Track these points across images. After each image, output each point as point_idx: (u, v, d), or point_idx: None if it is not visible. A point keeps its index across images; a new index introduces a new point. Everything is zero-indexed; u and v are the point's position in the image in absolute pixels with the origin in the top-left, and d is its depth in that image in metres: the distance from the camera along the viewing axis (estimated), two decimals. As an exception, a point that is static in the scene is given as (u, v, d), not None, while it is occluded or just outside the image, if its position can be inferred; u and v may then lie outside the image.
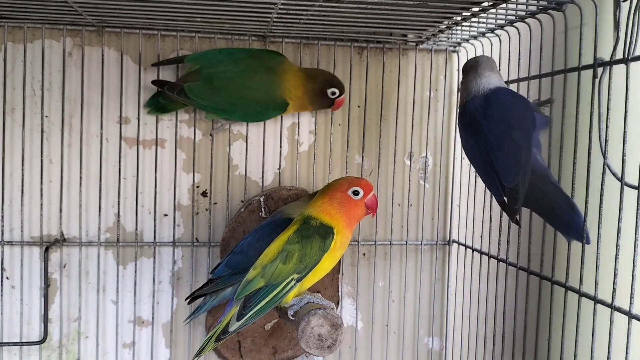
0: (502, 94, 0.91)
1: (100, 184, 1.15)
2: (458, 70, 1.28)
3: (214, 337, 0.85)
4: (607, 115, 0.82)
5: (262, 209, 1.16)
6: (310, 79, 1.12)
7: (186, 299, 1.08)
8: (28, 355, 1.15)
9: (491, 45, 1.16)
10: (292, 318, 0.84)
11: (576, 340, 0.87)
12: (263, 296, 0.83)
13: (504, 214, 1.02)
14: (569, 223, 0.88)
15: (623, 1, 0.78)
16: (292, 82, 1.11)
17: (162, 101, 1.14)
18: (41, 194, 1.13)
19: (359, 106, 1.25)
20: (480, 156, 0.92)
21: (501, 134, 0.88)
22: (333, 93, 1.13)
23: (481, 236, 1.19)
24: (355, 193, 0.90)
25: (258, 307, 0.82)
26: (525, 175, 0.87)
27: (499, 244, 1.10)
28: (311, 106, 1.15)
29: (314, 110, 1.21)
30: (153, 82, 1.11)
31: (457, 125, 1.01)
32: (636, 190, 0.76)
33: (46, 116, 1.14)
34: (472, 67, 0.97)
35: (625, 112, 0.78)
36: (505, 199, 0.90)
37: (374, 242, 1.27)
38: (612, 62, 0.81)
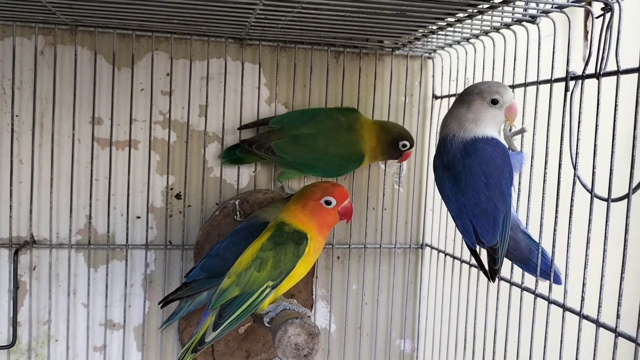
0: (481, 144, 0.89)
1: (71, 185, 1.13)
2: (433, 76, 1.30)
3: (190, 348, 0.84)
4: (578, 128, 0.84)
5: (237, 212, 1.15)
6: (384, 131, 1.17)
7: (159, 303, 1.07)
8: (-5, 359, 1.13)
9: (466, 53, 1.17)
10: (268, 325, 0.84)
11: (545, 346, 0.89)
12: (238, 305, 0.82)
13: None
14: (541, 267, 0.92)
15: (596, 17, 0.80)
16: (368, 135, 1.16)
17: (239, 154, 1.18)
18: (10, 195, 1.11)
19: (335, 110, 1.25)
20: (456, 201, 0.92)
21: (480, 191, 0.88)
22: (404, 145, 1.16)
23: (453, 240, 1.21)
24: (328, 203, 0.90)
25: (234, 316, 0.82)
26: (505, 235, 0.89)
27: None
28: (382, 156, 1.18)
29: (383, 160, 1.26)
30: (242, 142, 1.16)
31: (434, 158, 0.97)
32: (605, 202, 0.78)
33: (16, 115, 1.11)
34: (463, 102, 0.92)
35: (596, 125, 0.80)
36: (480, 248, 0.93)
37: (348, 246, 1.28)
38: (584, 77, 0.83)
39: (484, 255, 0.94)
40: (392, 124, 1.20)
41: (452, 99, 1.22)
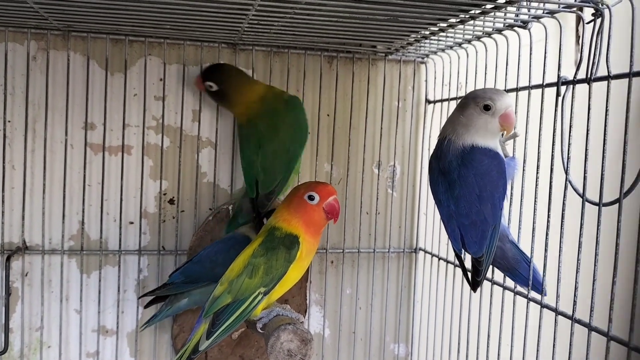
0: (479, 155, 0.87)
1: (64, 191, 1.12)
2: (426, 81, 1.30)
3: (184, 356, 0.84)
4: (570, 132, 0.84)
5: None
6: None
7: (139, 298, 1.07)
8: (-13, 366, 1.12)
9: (458, 58, 1.18)
10: (261, 331, 0.84)
11: (537, 350, 0.90)
12: (231, 312, 0.82)
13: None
14: (527, 278, 0.92)
15: (587, 23, 0.81)
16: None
17: (240, 221, 1.13)
18: (3, 201, 1.10)
19: (328, 115, 1.26)
20: (447, 206, 0.91)
21: (472, 202, 0.87)
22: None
23: (447, 244, 1.21)
24: (311, 198, 0.88)
25: (227, 323, 0.82)
26: (492, 249, 0.88)
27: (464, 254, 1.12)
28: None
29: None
30: (258, 214, 1.08)
31: (431, 159, 0.96)
32: (597, 207, 0.78)
33: (9, 121, 1.11)
34: (460, 106, 0.91)
35: (587, 130, 0.81)
36: (464, 254, 0.93)
37: (342, 250, 1.28)
38: (575, 82, 0.84)
39: (469, 260, 0.93)
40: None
41: (445, 104, 1.23)
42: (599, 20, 0.79)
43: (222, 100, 1.13)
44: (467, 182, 0.87)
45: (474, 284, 0.91)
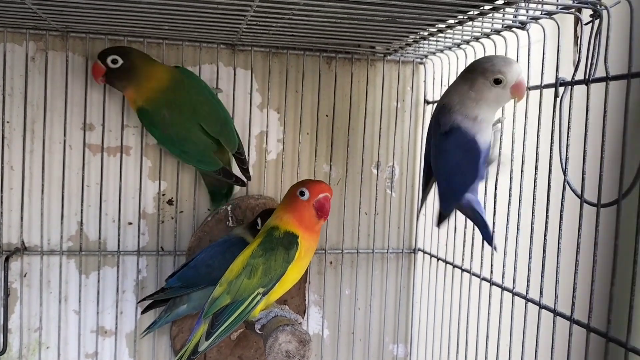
0: (460, 136, 0.92)
1: (62, 192, 1.12)
2: (425, 81, 1.30)
3: (184, 357, 0.84)
4: (568, 133, 0.84)
5: (230, 218, 1.15)
6: None
7: (138, 303, 1.09)
8: (-14, 366, 1.12)
9: (457, 58, 1.18)
10: (260, 332, 0.84)
11: (536, 350, 0.90)
12: (230, 313, 0.82)
13: (469, 224, 1.06)
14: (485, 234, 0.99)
15: (585, 24, 0.81)
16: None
17: (223, 192, 1.18)
18: (1, 202, 1.10)
19: (327, 115, 1.26)
20: (433, 166, 1.02)
21: (450, 174, 0.97)
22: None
23: (446, 245, 1.21)
24: (302, 194, 0.88)
25: (225, 324, 0.82)
26: (459, 209, 1.01)
27: (463, 254, 1.12)
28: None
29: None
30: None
31: (431, 120, 1.02)
32: (595, 208, 0.78)
33: (7, 122, 1.11)
34: (467, 79, 0.92)
35: (586, 131, 0.81)
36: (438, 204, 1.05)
37: (340, 251, 1.28)
38: (573, 83, 0.84)
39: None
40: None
41: (444, 104, 1.23)
42: (597, 21, 0.79)
43: (127, 79, 1.05)
44: (447, 156, 0.95)
45: (439, 223, 1.06)
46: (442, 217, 1.05)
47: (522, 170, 0.94)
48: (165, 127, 1.06)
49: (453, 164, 0.94)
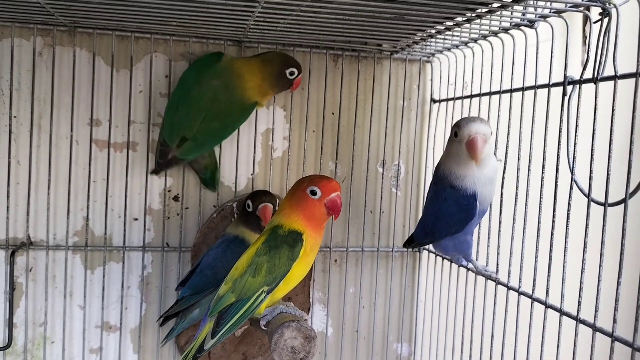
0: (452, 203, 0.96)
1: (69, 187, 1.13)
2: (432, 80, 1.30)
3: (190, 355, 0.84)
4: (576, 132, 0.84)
5: (235, 215, 1.15)
6: (266, 64, 1.10)
7: (157, 321, 1.08)
8: (-9, 360, 1.13)
9: (464, 57, 1.17)
10: (265, 328, 0.84)
11: (541, 350, 0.89)
12: (235, 311, 0.82)
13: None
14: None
15: (594, 22, 0.80)
16: (249, 75, 1.09)
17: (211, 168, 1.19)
18: (8, 196, 1.10)
19: (333, 113, 1.25)
20: (425, 209, 1.09)
21: (431, 222, 1.03)
22: (292, 73, 1.10)
23: (451, 244, 1.21)
24: (313, 193, 0.86)
25: (231, 322, 0.81)
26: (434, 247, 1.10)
27: (468, 253, 1.12)
28: (272, 90, 1.12)
29: (275, 94, 1.17)
30: (158, 167, 1.15)
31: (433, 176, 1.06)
32: (602, 207, 0.78)
33: (14, 117, 1.11)
34: (457, 134, 0.94)
35: (594, 130, 0.80)
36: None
37: (345, 249, 1.28)
38: (582, 81, 0.83)
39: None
40: (272, 53, 1.13)
41: (450, 103, 1.23)
42: (606, 20, 0.79)
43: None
44: (432, 207, 1.02)
45: (407, 244, 1.13)
46: (410, 242, 1.11)
47: (529, 169, 0.94)
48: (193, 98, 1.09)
49: (442, 212, 0.99)
